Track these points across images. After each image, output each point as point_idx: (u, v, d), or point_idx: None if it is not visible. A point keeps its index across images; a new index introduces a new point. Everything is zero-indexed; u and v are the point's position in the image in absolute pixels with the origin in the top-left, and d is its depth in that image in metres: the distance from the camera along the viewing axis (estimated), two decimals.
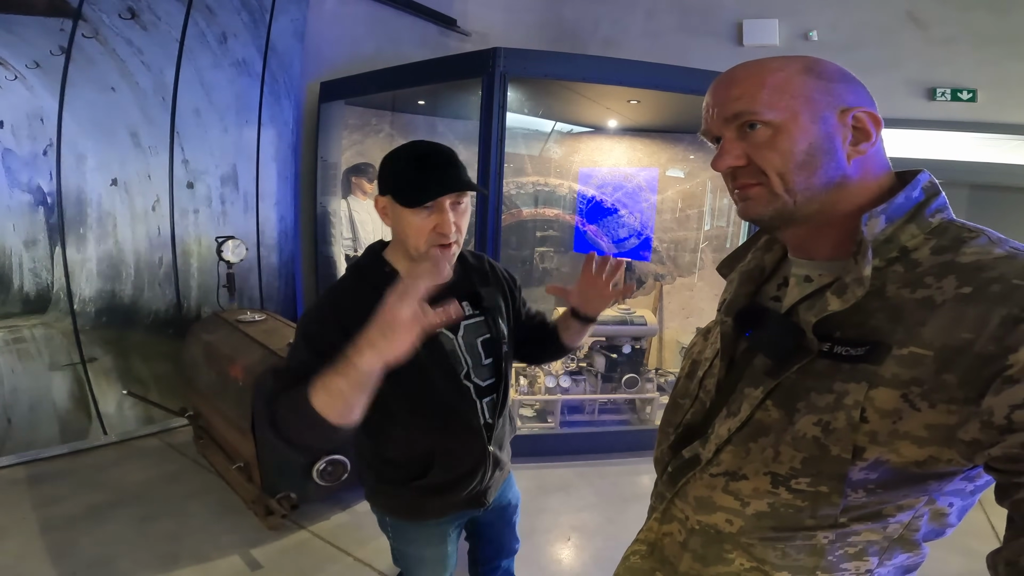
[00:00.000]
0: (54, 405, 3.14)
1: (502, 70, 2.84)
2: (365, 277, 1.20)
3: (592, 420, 3.52)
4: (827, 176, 0.66)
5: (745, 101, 0.67)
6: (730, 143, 0.69)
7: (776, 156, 0.66)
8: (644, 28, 4.78)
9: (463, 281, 1.26)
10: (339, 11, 4.07)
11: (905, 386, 0.58)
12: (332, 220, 4.00)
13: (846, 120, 0.66)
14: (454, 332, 1.22)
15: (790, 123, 0.65)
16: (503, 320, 1.31)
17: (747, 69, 0.69)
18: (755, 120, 0.66)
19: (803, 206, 0.68)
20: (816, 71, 0.67)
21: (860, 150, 0.66)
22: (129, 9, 3.01)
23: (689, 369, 0.88)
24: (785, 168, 0.66)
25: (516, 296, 1.40)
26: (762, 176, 0.68)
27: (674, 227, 4.38)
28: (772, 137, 0.66)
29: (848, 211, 0.68)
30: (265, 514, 2.47)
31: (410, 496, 1.28)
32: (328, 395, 0.91)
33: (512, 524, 1.52)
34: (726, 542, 0.75)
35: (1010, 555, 0.53)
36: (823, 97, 0.66)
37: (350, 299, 1.14)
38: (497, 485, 1.38)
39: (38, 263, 3.21)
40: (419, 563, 1.41)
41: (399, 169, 1.13)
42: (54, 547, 2.29)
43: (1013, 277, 0.56)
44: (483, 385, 1.26)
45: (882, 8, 4.05)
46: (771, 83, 0.66)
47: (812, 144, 0.65)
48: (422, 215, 1.10)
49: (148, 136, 3.29)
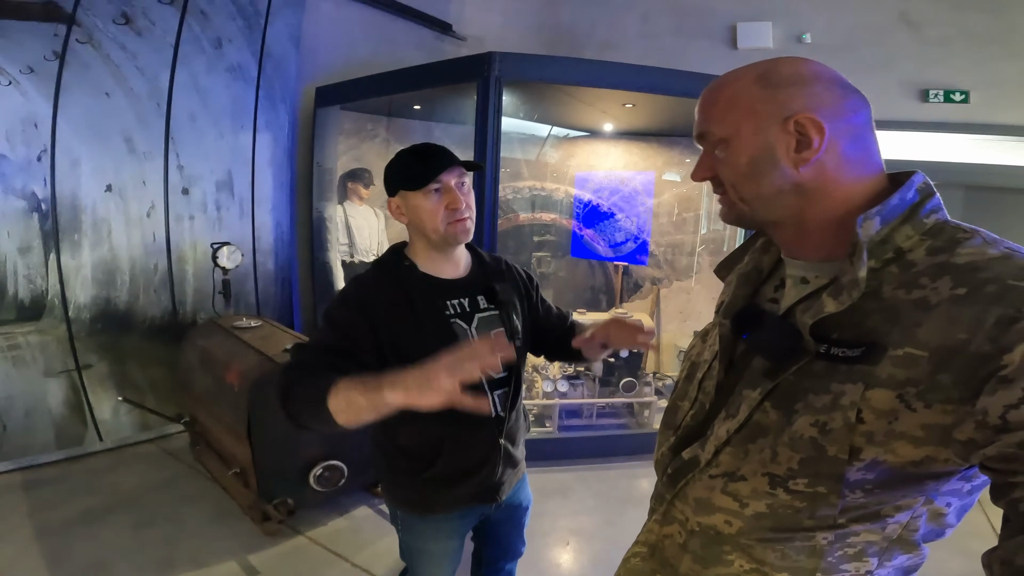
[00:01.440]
0: (49, 411, 3.12)
1: (497, 74, 2.85)
2: (387, 271, 1.29)
3: (590, 424, 3.51)
4: (773, 185, 0.68)
5: (702, 120, 0.73)
6: (703, 156, 0.75)
7: (726, 169, 0.71)
8: (639, 31, 4.80)
9: (479, 276, 1.34)
10: (335, 15, 4.07)
11: (901, 387, 0.59)
12: (328, 226, 3.99)
13: (789, 128, 0.66)
14: (468, 323, 1.28)
15: (734, 137, 0.69)
16: (517, 316, 1.35)
17: (711, 87, 0.74)
18: (711, 138, 0.72)
19: (761, 212, 0.72)
20: (767, 79, 0.68)
21: (804, 157, 0.66)
22: (123, 14, 3.01)
23: (688, 371, 0.89)
24: (735, 179, 0.71)
25: (533, 295, 1.46)
26: (723, 187, 0.74)
27: (671, 231, 4.39)
28: (724, 151, 0.71)
29: (831, 215, 0.68)
30: (262, 519, 2.47)
31: (421, 488, 1.31)
32: (345, 403, 0.96)
33: (521, 526, 1.53)
34: (725, 543, 0.75)
35: (1005, 554, 0.53)
36: (765, 107, 0.67)
37: (373, 289, 1.25)
38: (511, 483, 1.40)
39: (32, 269, 3.20)
40: (425, 557, 1.43)
41: (402, 166, 1.24)
42: (49, 552, 2.28)
43: (1008, 277, 0.56)
44: (495, 377, 1.30)
45: (875, 10, 4.08)
46: (723, 98, 0.71)
47: (752, 156, 0.68)
48: (433, 199, 1.21)
49: (143, 141, 3.28)
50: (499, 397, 1.30)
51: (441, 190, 1.21)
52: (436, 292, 1.27)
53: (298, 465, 2.48)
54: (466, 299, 1.29)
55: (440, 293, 1.27)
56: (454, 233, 1.23)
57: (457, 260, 1.32)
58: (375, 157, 4.37)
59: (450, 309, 1.27)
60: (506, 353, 0.89)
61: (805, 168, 0.67)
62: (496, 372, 0.95)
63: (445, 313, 1.26)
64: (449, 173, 1.21)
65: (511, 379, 1.32)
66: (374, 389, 0.92)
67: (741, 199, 0.71)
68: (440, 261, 1.30)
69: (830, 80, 0.68)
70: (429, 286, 1.27)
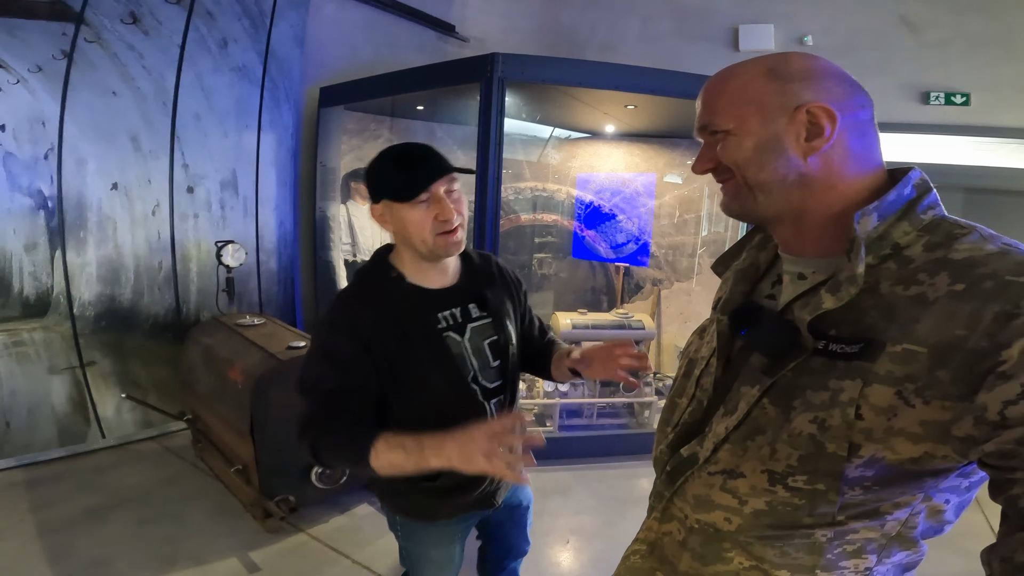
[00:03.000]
0: (52, 408, 3.13)
1: (500, 75, 2.86)
2: (371, 283, 1.22)
3: (590, 424, 3.52)
4: (778, 173, 0.68)
5: (705, 112, 0.73)
6: (704, 148, 0.75)
7: (729, 157, 0.71)
8: (641, 33, 4.81)
9: (469, 282, 1.28)
10: (338, 16, 4.09)
11: (899, 383, 0.59)
12: (331, 225, 4.01)
13: (800, 117, 0.66)
14: (461, 335, 1.23)
15: (739, 128, 0.69)
16: (510, 322, 1.31)
17: (715, 79, 0.74)
18: (715, 128, 0.72)
19: (764, 203, 0.71)
20: (777, 72, 0.68)
21: (814, 146, 0.66)
22: (131, 14, 3.02)
23: (686, 368, 0.88)
24: (741, 163, 0.70)
25: (522, 300, 1.41)
26: (729, 173, 0.73)
27: (672, 232, 4.40)
28: (726, 140, 0.71)
29: (833, 209, 0.68)
30: (263, 517, 2.47)
31: (421, 497, 1.29)
32: (388, 466, 1.04)
33: (523, 525, 1.52)
34: (725, 540, 0.75)
35: (1005, 551, 0.53)
36: (775, 99, 0.67)
37: (359, 307, 1.18)
38: (507, 486, 1.39)
39: (38, 267, 3.21)
40: (426, 563, 1.42)
41: (386, 173, 1.15)
42: (52, 549, 2.29)
43: (1006, 273, 0.56)
44: (490, 387, 1.26)
45: (876, 12, 4.08)
46: (729, 91, 0.71)
47: (757, 144, 0.68)
48: (420, 209, 1.12)
49: (148, 140, 3.29)
50: (495, 406, 1.28)
51: (429, 200, 1.12)
52: (426, 305, 1.21)
53: (300, 462, 2.48)
54: (457, 308, 1.24)
55: (430, 306, 1.21)
56: (443, 246, 1.15)
57: (446, 267, 1.25)
58: None
59: (442, 322, 1.21)
60: (531, 441, 0.94)
61: (813, 158, 0.67)
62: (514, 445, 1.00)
63: (438, 328, 1.20)
64: (438, 182, 1.12)
65: (506, 387, 1.29)
66: (416, 454, 1.00)
67: (747, 184, 0.71)
68: (428, 270, 1.22)
69: (839, 76, 0.69)
70: (419, 299, 1.20)
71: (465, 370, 1.22)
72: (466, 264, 1.30)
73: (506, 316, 1.30)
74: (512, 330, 1.31)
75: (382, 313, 1.16)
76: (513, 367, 1.30)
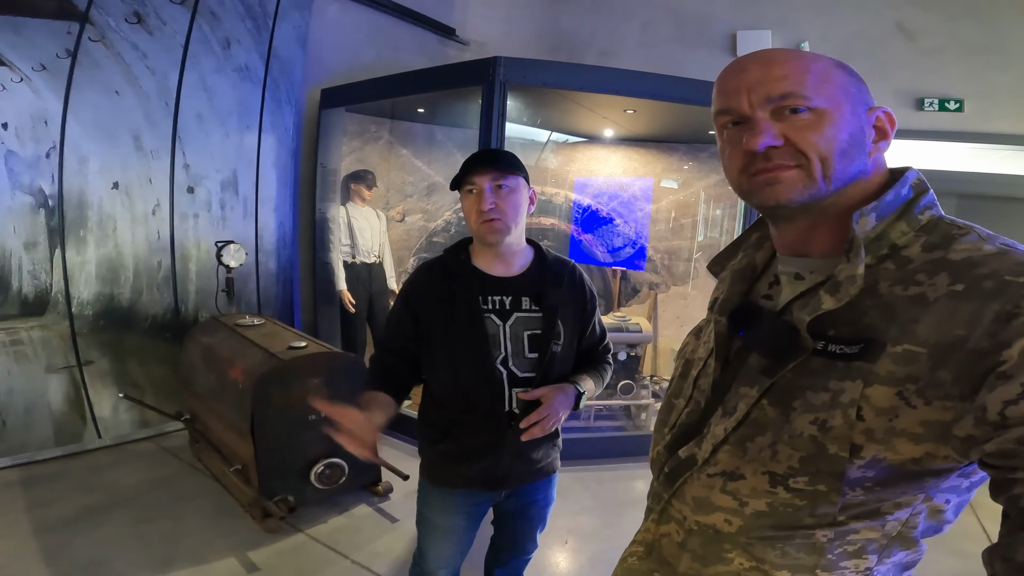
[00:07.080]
0: (49, 408, 3.12)
1: (502, 79, 2.88)
2: (443, 260, 1.40)
3: (588, 426, 3.54)
4: (856, 169, 0.67)
5: (792, 83, 0.65)
6: (766, 122, 0.66)
7: (821, 140, 0.65)
8: (640, 39, 4.84)
9: (532, 279, 1.38)
10: (341, 19, 4.10)
11: (900, 383, 0.59)
12: (331, 226, 4.01)
13: (872, 118, 0.68)
14: (503, 320, 1.33)
15: (835, 111, 0.65)
16: (564, 325, 1.38)
17: (786, 53, 0.67)
18: (802, 104, 0.65)
19: (831, 196, 0.67)
20: (847, 68, 0.69)
21: (879, 148, 0.69)
22: (135, 13, 3.03)
23: (683, 369, 0.88)
24: (828, 153, 0.65)
25: (588, 312, 1.48)
26: (801, 159, 0.65)
27: (668, 236, 4.43)
28: (816, 122, 0.65)
29: (842, 209, 0.68)
30: (262, 517, 2.47)
31: (434, 458, 1.43)
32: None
33: (533, 525, 1.56)
34: (725, 542, 0.74)
35: (1006, 551, 0.52)
36: (857, 93, 0.68)
37: (421, 279, 1.40)
38: (521, 477, 1.43)
39: (37, 265, 3.20)
40: (430, 527, 1.49)
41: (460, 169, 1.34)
42: (48, 549, 2.28)
43: (1005, 273, 0.56)
44: (519, 376, 1.34)
45: (872, 19, 4.11)
46: (815, 70, 0.66)
47: (852, 135, 0.66)
48: (470, 198, 1.31)
49: (150, 140, 3.29)
50: (517, 393, 1.34)
51: (474, 191, 1.29)
52: (479, 286, 1.35)
53: (299, 462, 2.49)
54: (509, 297, 1.35)
55: (483, 288, 1.35)
56: (484, 233, 1.30)
57: (509, 258, 1.38)
58: (378, 159, 4.40)
59: (488, 304, 1.33)
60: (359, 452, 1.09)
61: (873, 158, 0.68)
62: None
63: (481, 308, 1.33)
64: (482, 175, 1.27)
65: (536, 381, 1.34)
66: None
67: (825, 176, 0.65)
68: (489, 257, 1.37)
69: None
70: (474, 280, 1.35)
71: (496, 351, 1.32)
72: (538, 263, 1.42)
73: (561, 317, 1.37)
74: (563, 331, 1.38)
75: (439, 287, 1.35)
76: (551, 363, 1.36)
